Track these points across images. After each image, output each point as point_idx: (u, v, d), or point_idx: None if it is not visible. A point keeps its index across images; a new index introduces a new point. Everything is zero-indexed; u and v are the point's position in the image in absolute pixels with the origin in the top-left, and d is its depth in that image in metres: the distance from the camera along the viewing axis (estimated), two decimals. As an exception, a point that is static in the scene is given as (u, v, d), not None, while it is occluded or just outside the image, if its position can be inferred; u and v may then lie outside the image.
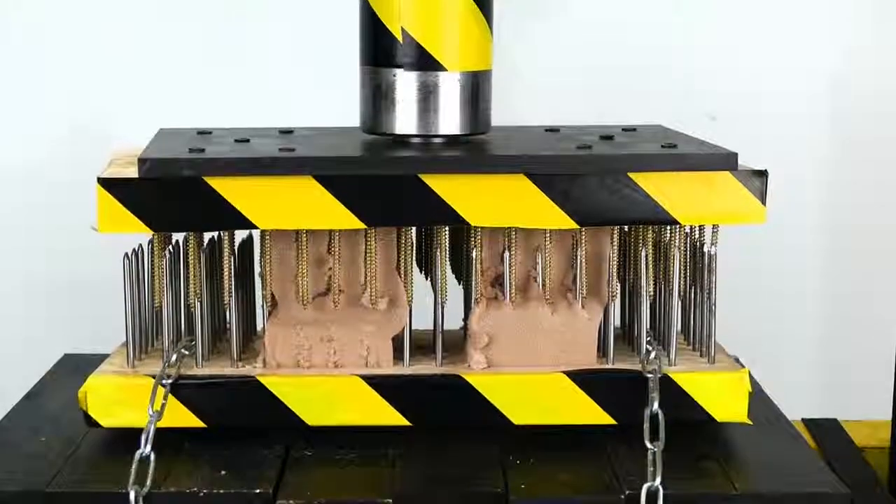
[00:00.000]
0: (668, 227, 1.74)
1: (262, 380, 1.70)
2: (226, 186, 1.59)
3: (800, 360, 2.66)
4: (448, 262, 1.74)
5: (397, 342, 1.75)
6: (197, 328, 1.73)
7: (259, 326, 1.84)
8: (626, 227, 1.75)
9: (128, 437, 1.70)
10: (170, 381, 1.67)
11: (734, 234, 1.83)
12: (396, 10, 1.66)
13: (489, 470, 1.66)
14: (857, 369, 2.23)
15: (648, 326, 1.77)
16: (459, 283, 1.80)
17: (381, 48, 1.68)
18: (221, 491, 1.58)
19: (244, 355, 1.76)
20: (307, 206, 1.60)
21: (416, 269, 1.77)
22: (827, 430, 2.06)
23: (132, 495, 1.53)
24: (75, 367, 1.90)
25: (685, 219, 1.64)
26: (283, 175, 1.60)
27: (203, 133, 1.76)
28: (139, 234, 1.71)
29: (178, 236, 1.74)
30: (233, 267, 1.74)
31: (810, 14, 2.59)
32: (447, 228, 1.71)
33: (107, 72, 2.39)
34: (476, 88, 1.71)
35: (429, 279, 1.78)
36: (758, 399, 1.91)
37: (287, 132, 1.80)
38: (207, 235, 1.74)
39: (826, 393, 2.27)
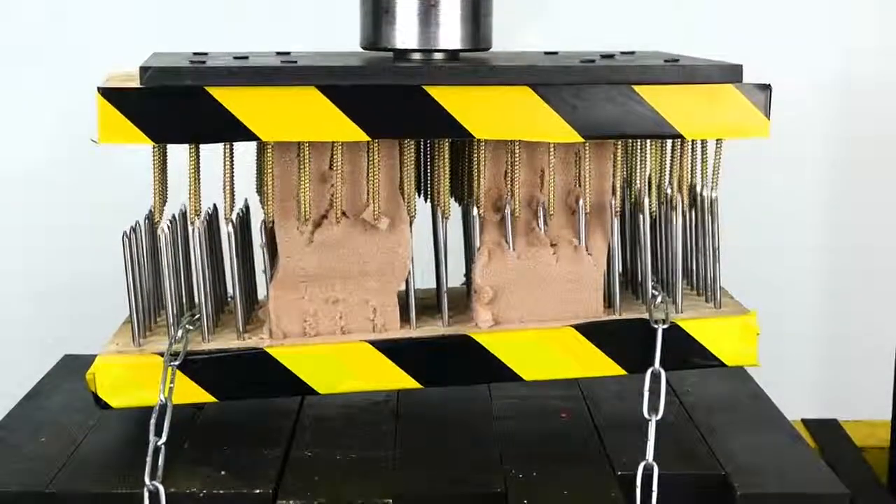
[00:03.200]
0: (670, 176, 1.74)
1: (271, 351, 1.71)
2: (228, 96, 1.58)
3: (800, 360, 2.67)
4: (448, 181, 1.73)
5: (402, 301, 1.75)
6: (201, 302, 1.73)
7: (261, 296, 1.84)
8: (629, 144, 1.74)
9: (130, 435, 1.71)
10: (177, 361, 1.67)
11: (732, 234, 1.84)
12: None
13: (489, 470, 1.66)
14: (856, 370, 2.24)
15: (652, 272, 1.78)
16: (460, 206, 1.80)
17: None
18: (221, 491, 1.59)
19: (249, 326, 1.76)
20: (310, 117, 1.59)
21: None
22: (827, 431, 2.06)
23: (148, 487, 1.54)
24: (75, 368, 1.90)
25: (689, 133, 1.65)
26: (285, 85, 1.59)
27: (199, 53, 1.75)
28: (135, 213, 1.72)
29: (174, 208, 1.73)
30: (235, 235, 1.74)
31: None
32: (448, 143, 1.71)
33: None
34: (477, 3, 1.71)
35: (428, 202, 1.78)
36: (758, 399, 1.93)
37: (284, 53, 1.78)
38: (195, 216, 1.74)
39: (826, 394, 2.27)
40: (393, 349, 1.72)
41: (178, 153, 1.67)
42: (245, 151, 1.70)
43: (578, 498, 1.59)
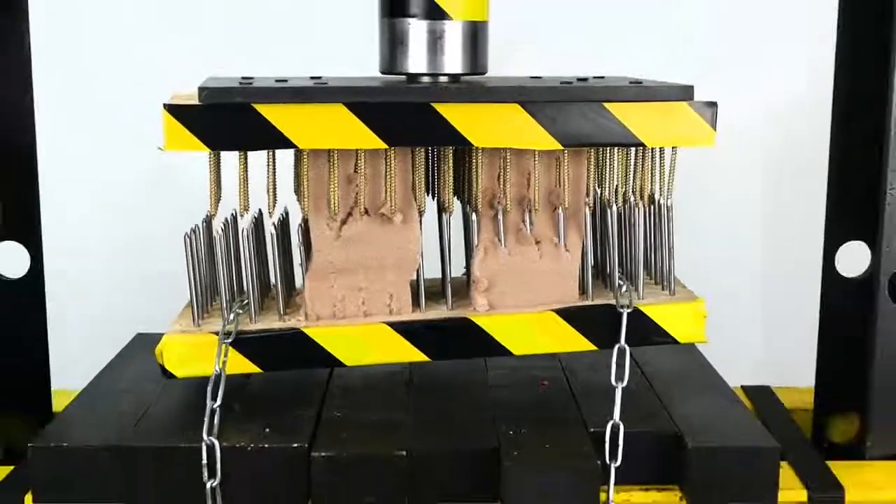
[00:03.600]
0: (633, 185, 1.73)
1: (306, 331, 1.70)
2: (271, 112, 1.58)
3: (740, 338, 2.66)
4: (452, 182, 1.73)
5: (414, 288, 1.75)
6: (248, 290, 1.72)
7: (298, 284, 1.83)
8: (600, 151, 1.74)
9: (191, 400, 1.71)
10: (229, 339, 1.66)
11: (683, 234, 1.83)
12: None
13: (485, 429, 1.66)
14: (786, 346, 2.23)
15: (619, 265, 1.77)
16: (461, 202, 1.79)
17: (397, 2, 1.68)
18: (266, 445, 1.59)
19: (288, 310, 1.75)
20: (338, 128, 1.59)
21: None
22: (761, 395, 2.06)
23: (205, 442, 1.55)
24: (146, 345, 1.90)
25: (649, 142, 1.64)
26: (318, 102, 1.59)
27: (247, 78, 1.75)
28: (195, 218, 1.72)
29: (228, 212, 1.73)
30: (276, 236, 1.74)
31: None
32: (451, 150, 1.70)
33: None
34: (475, 35, 1.70)
35: (435, 199, 1.77)
36: (705, 370, 1.92)
37: (317, 77, 1.77)
38: (243, 220, 1.73)
39: (760, 365, 2.27)
40: (406, 329, 1.72)
41: (231, 160, 1.66)
42: (284, 159, 1.69)
43: (558, 451, 1.58)
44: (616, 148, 1.72)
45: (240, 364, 1.69)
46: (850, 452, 1.82)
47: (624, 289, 1.74)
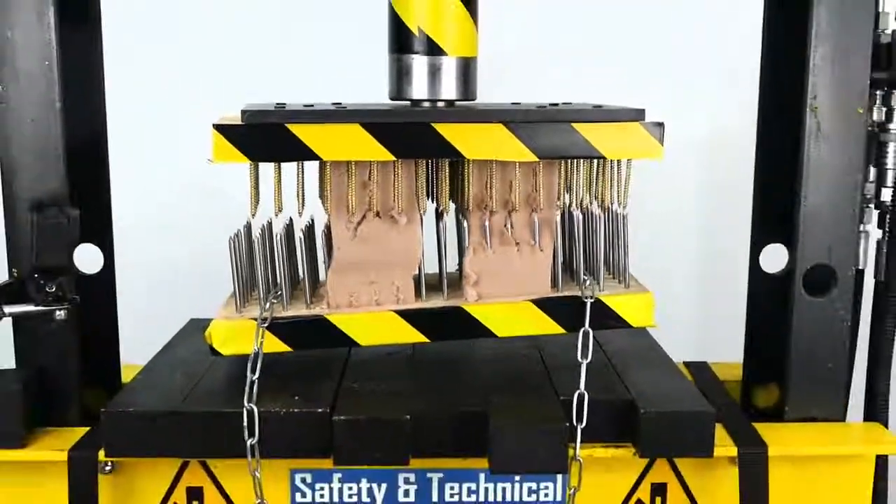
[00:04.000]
0: (596, 191, 1.74)
1: (328, 317, 1.70)
2: (300, 129, 1.58)
3: (682, 322, 2.66)
4: (448, 188, 1.72)
5: (416, 281, 1.74)
6: (281, 283, 1.72)
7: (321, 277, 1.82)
8: (568, 164, 1.74)
9: (234, 373, 1.71)
10: (266, 324, 1.66)
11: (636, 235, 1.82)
12: (413, 13, 1.66)
13: (474, 396, 1.66)
14: (720, 328, 2.22)
15: (583, 263, 1.77)
16: (455, 209, 1.79)
17: (403, 40, 1.68)
18: (295, 410, 1.59)
19: (313, 299, 1.75)
20: (355, 144, 1.59)
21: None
22: (700, 370, 2.05)
23: (246, 408, 1.56)
24: (198, 328, 1.89)
25: (609, 154, 1.64)
26: (339, 122, 1.59)
27: (280, 103, 1.74)
28: (237, 223, 1.72)
29: (265, 220, 1.73)
30: (304, 239, 1.75)
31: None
32: (447, 162, 1.71)
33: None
34: (467, 68, 1.71)
35: (435, 203, 1.76)
36: (653, 349, 1.92)
37: (337, 103, 1.77)
38: (277, 223, 1.73)
39: (699, 344, 2.26)
40: (410, 315, 1.71)
41: (268, 172, 1.66)
42: (311, 169, 1.69)
43: (534, 415, 1.58)
44: (581, 160, 1.73)
45: (274, 344, 1.69)
46: (771, 416, 1.82)
47: (588, 283, 1.74)
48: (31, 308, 1.68)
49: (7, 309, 1.66)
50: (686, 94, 2.57)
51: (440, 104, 1.72)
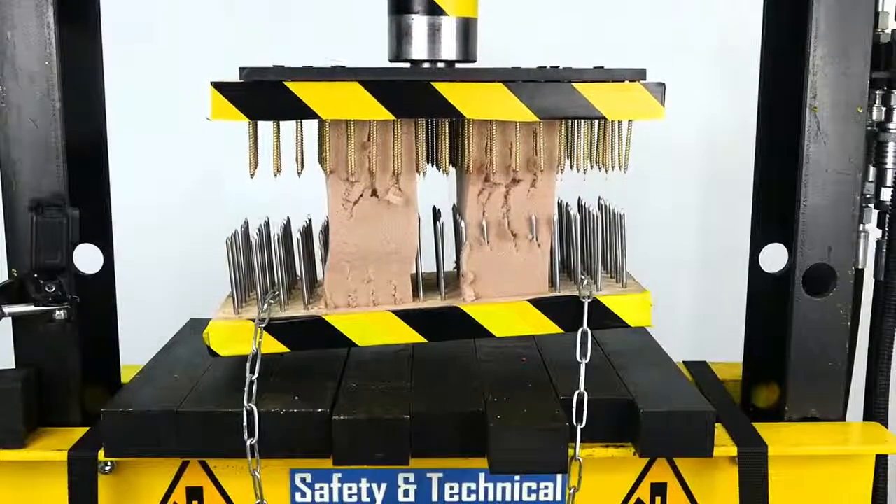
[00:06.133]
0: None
1: (326, 318, 1.70)
2: (299, 88, 1.56)
3: (680, 322, 2.67)
4: (448, 150, 1.69)
5: (413, 281, 1.74)
6: (279, 283, 1.72)
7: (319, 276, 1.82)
8: (569, 126, 1.70)
9: (233, 374, 1.70)
10: (264, 324, 1.66)
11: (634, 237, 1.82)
12: None
13: (473, 396, 1.66)
14: (719, 329, 2.22)
15: (581, 263, 1.76)
16: (455, 168, 1.76)
17: (403, 0, 1.67)
18: (295, 410, 1.59)
19: (311, 300, 1.74)
20: (354, 102, 1.57)
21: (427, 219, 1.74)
22: (699, 369, 2.05)
23: (245, 408, 1.55)
24: (197, 328, 1.89)
25: (609, 115, 1.61)
26: (338, 81, 1.57)
27: (279, 65, 1.73)
28: (235, 223, 1.70)
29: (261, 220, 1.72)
30: (301, 239, 1.74)
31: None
32: (447, 122, 1.68)
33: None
34: (467, 29, 1.69)
35: (433, 165, 1.74)
36: (652, 348, 1.92)
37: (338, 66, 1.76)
38: (275, 226, 1.72)
39: (698, 344, 2.26)
40: (407, 315, 1.71)
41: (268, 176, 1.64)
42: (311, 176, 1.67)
43: (534, 414, 1.58)
44: (582, 121, 1.69)
45: (272, 345, 1.69)
46: (771, 416, 1.82)
47: (585, 282, 1.73)
48: (30, 308, 1.68)
49: (7, 309, 1.67)
50: (686, 94, 2.56)
51: (440, 65, 1.70)
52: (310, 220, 1.82)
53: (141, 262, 2.56)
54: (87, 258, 1.84)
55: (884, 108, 1.75)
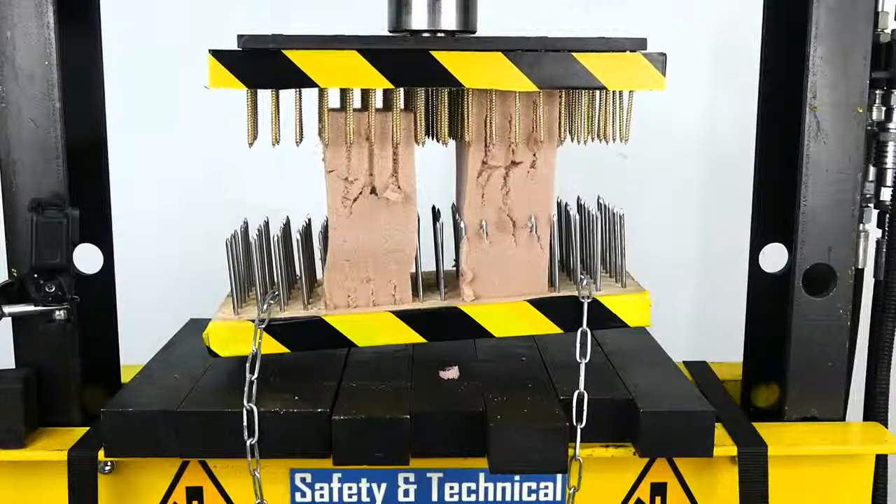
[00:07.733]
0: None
1: (326, 318, 1.69)
2: (297, 56, 1.55)
3: (680, 322, 2.66)
4: (447, 121, 1.67)
5: (413, 281, 1.73)
6: (278, 284, 1.72)
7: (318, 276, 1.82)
8: (569, 97, 1.68)
9: (233, 374, 1.70)
10: (263, 324, 1.66)
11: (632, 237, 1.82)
12: None
13: (474, 396, 1.66)
14: (719, 328, 2.22)
15: (581, 263, 1.76)
16: (455, 140, 1.74)
17: None
18: (295, 410, 1.58)
19: (310, 300, 1.74)
20: (352, 70, 1.56)
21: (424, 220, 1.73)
22: (699, 369, 2.05)
23: (245, 408, 1.55)
24: (197, 328, 1.89)
25: (610, 85, 1.59)
26: (336, 49, 1.55)
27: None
28: (234, 223, 1.71)
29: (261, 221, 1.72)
30: (301, 240, 1.73)
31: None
32: (446, 92, 1.66)
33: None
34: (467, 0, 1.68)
35: (433, 138, 1.73)
36: (652, 348, 1.91)
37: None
38: (276, 227, 1.72)
39: (698, 344, 2.26)
40: (407, 316, 1.71)
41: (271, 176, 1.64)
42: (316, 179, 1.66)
43: (534, 414, 1.58)
44: (582, 92, 1.67)
45: (272, 345, 1.69)
46: (771, 415, 1.82)
47: (585, 282, 1.73)
48: (30, 308, 1.68)
49: (7, 309, 1.67)
50: (686, 94, 2.57)
51: (439, 34, 1.68)
52: (309, 221, 1.82)
53: (141, 263, 2.55)
54: (87, 258, 1.84)
55: (883, 108, 1.75)
